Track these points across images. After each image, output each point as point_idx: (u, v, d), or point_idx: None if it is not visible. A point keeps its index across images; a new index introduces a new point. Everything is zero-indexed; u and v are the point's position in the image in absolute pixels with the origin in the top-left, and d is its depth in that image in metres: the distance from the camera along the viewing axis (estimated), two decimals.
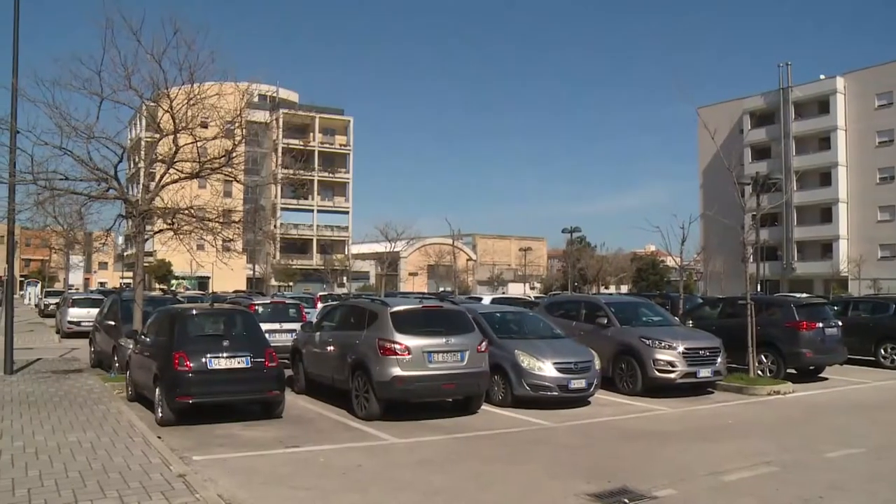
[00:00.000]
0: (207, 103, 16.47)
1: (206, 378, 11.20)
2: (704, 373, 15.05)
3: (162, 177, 16.20)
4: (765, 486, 8.14)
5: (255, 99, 42.26)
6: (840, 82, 72.66)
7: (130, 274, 67.90)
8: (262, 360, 11.62)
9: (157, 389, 11.44)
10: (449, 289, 61.36)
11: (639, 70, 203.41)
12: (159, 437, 9.95)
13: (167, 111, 15.75)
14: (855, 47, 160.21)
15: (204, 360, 11.26)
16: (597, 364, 14.01)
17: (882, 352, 20.58)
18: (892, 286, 60.01)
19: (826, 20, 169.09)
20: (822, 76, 74.80)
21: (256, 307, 19.59)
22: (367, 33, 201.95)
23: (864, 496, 7.80)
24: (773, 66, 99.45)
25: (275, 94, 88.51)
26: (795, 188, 70.87)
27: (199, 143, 16.39)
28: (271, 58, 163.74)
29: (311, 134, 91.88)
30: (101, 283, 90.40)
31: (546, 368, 13.24)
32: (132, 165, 26.23)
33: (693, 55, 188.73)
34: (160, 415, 11.26)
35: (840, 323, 18.72)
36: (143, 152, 24.68)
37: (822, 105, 73.86)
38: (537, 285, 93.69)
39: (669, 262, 44.51)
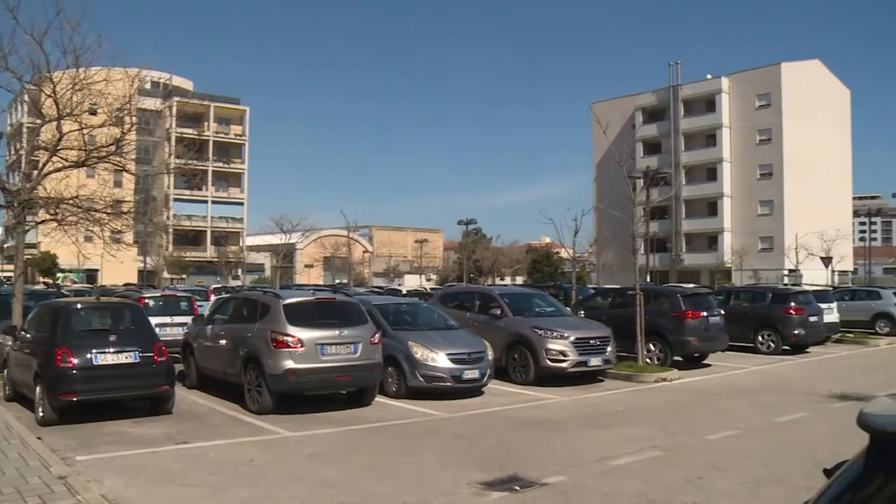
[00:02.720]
0: (94, 89, 15.86)
1: (91, 374, 10.80)
2: (595, 361, 15.45)
3: (45, 165, 15.51)
4: (650, 469, 8.48)
5: (147, 86, 40.98)
6: (725, 82, 75.57)
7: (11, 267, 64.67)
8: (151, 354, 11.29)
9: (37, 388, 10.95)
10: (345, 280, 60.97)
11: (535, 63, 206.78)
12: (39, 438, 9.55)
13: (50, 96, 15.08)
14: (739, 50, 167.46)
15: (89, 355, 10.85)
16: (490, 354, 14.22)
17: (760, 338, 21.68)
18: (770, 276, 63.15)
19: (714, 23, 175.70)
20: (708, 76, 77.73)
21: (146, 300, 19.03)
22: (265, 21, 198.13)
23: (739, 474, 8.22)
24: (664, 65, 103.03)
25: (168, 82, 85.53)
26: (684, 182, 73.62)
27: (85, 131, 15.75)
28: (165, 44, 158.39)
29: (206, 123, 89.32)
30: None
31: (439, 359, 13.37)
32: (12, 152, 24.97)
33: (588, 51, 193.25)
34: (41, 414, 10.80)
35: (722, 312, 19.60)
36: (24, 139, 23.55)
37: (709, 103, 76.60)
38: (433, 277, 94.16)
39: (563, 253, 45.55)
